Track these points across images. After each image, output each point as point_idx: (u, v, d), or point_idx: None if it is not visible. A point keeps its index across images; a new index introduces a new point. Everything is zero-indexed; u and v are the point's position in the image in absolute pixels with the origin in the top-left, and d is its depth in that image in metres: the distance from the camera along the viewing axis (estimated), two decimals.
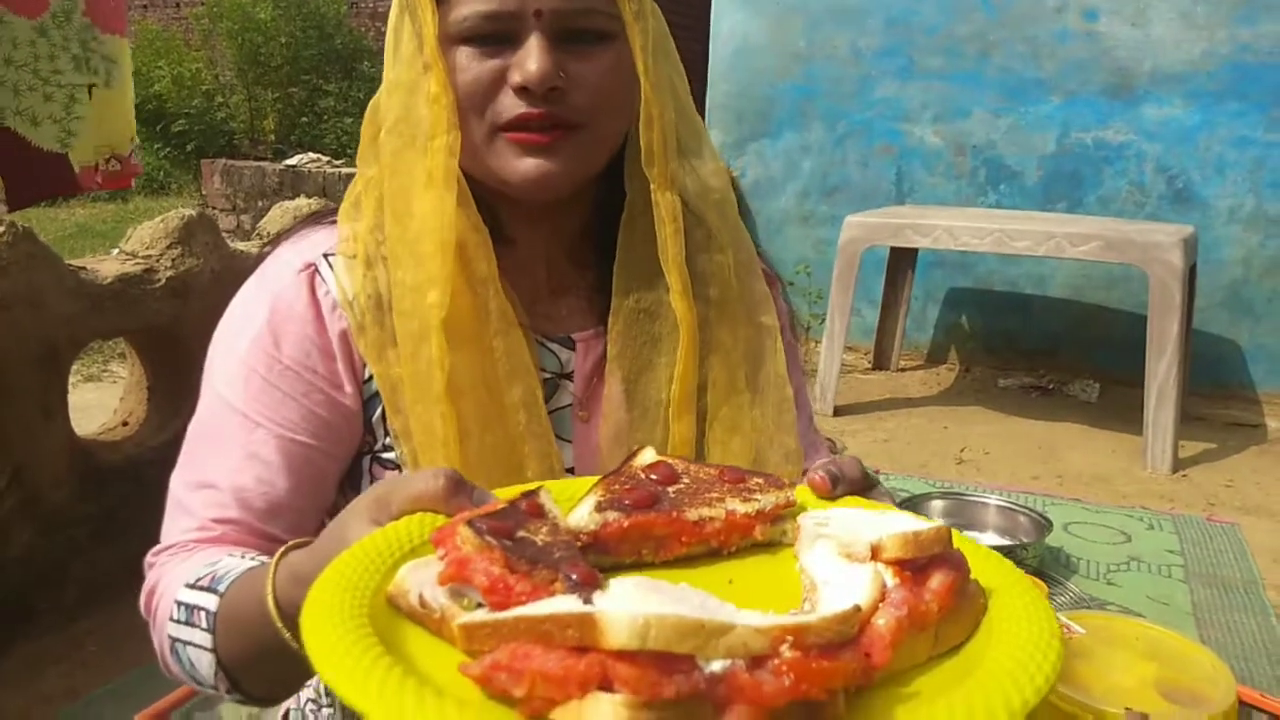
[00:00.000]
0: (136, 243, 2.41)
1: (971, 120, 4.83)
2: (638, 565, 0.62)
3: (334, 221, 0.94)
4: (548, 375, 0.95)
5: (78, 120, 2.47)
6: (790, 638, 0.44)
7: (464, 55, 0.85)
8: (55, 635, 2.21)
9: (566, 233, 0.97)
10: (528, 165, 0.85)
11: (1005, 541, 2.69)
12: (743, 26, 5.20)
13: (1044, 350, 4.79)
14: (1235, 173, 4.39)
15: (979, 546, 0.62)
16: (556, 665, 0.43)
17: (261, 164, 6.84)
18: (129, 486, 2.35)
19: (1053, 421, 4.15)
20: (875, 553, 0.54)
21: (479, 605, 0.52)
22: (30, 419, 2.16)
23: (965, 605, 0.54)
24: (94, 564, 2.30)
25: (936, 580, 0.53)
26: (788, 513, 0.65)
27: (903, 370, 4.92)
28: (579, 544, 0.59)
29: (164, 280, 2.38)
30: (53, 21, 2.44)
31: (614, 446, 0.93)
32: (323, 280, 0.91)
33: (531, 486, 0.63)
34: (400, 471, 0.90)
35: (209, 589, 0.80)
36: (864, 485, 0.72)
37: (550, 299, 0.97)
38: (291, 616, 0.71)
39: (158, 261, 2.39)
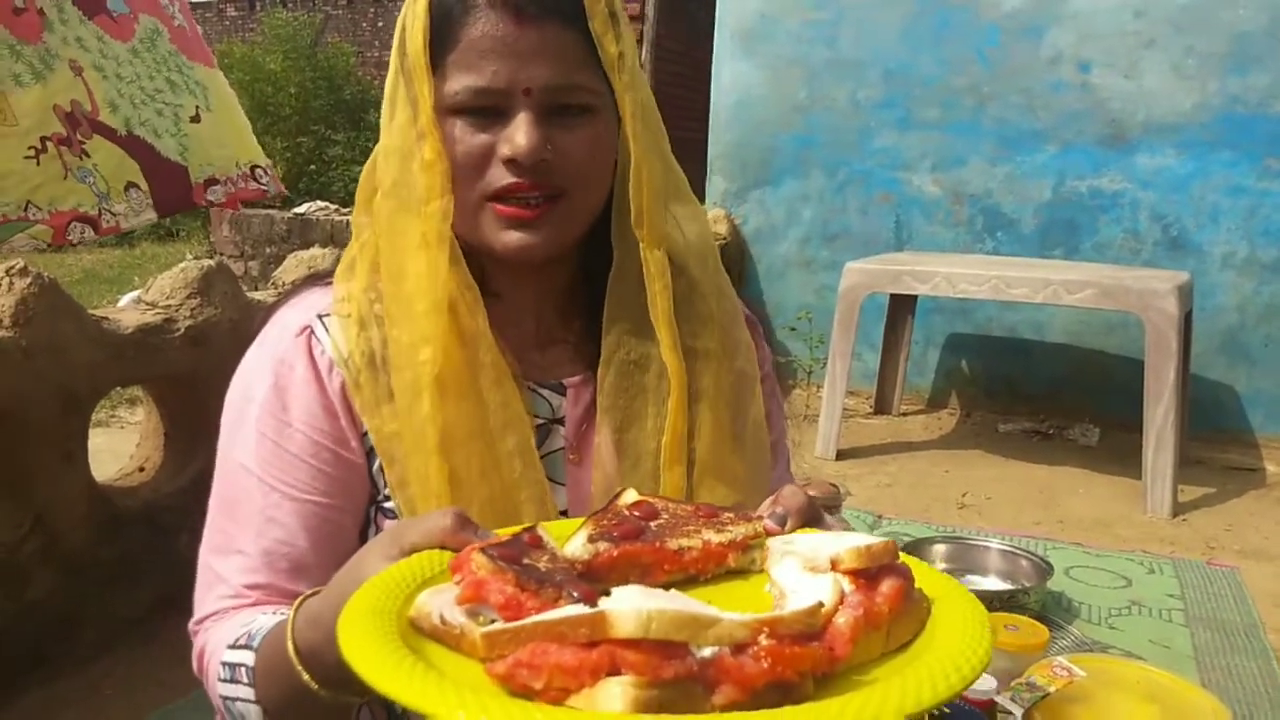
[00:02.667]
0: (156, 293, 2.48)
1: (969, 169, 4.92)
2: None
3: (329, 282, 0.98)
4: (540, 421, 0.98)
5: (186, 137, 2.55)
6: (767, 629, 0.52)
7: (457, 127, 0.89)
8: (71, 679, 2.23)
9: (553, 289, 1.01)
10: (512, 237, 0.90)
11: (1007, 586, 2.71)
12: (744, 78, 5.32)
13: (1044, 395, 4.84)
14: (1229, 220, 4.47)
15: (923, 564, 0.70)
16: (571, 657, 0.51)
17: (270, 212, 6.93)
18: (145, 532, 2.39)
19: (1053, 466, 4.19)
20: (834, 564, 0.63)
21: (493, 621, 0.59)
22: (52, 465, 2.20)
23: (912, 608, 0.62)
24: (110, 608, 2.33)
25: (886, 585, 0.61)
26: (755, 543, 0.73)
27: (904, 415, 4.96)
28: (576, 571, 0.66)
29: (183, 329, 2.44)
30: (141, 45, 2.53)
31: (606, 495, 0.95)
32: (318, 341, 0.94)
33: (529, 525, 0.71)
34: (401, 518, 0.94)
35: (246, 646, 0.85)
36: (810, 513, 0.77)
37: (539, 350, 1.01)
38: (308, 658, 0.77)
39: (177, 311, 2.45)
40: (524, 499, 0.91)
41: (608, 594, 0.57)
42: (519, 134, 0.86)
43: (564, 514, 0.98)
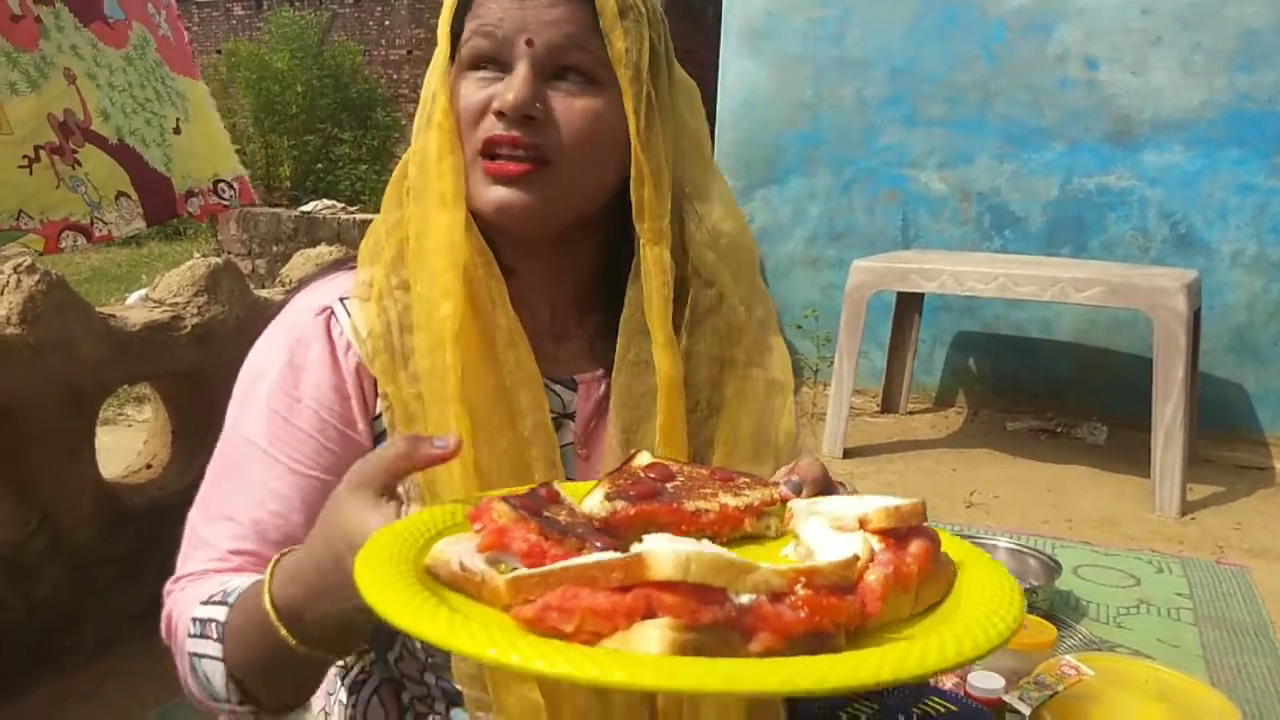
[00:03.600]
0: (164, 290, 2.48)
1: (975, 167, 4.91)
2: None
3: (353, 267, 0.99)
4: (551, 415, 0.97)
5: (170, 148, 2.57)
6: (803, 578, 0.52)
7: (466, 81, 0.91)
8: (77, 674, 2.24)
9: (571, 274, 1.01)
10: (496, 193, 0.90)
11: None
12: (750, 77, 5.31)
13: (1051, 393, 4.83)
14: (1237, 218, 4.45)
15: (946, 531, 0.70)
16: (604, 601, 0.50)
17: (277, 210, 6.95)
18: (152, 529, 2.39)
19: (1061, 464, 4.18)
20: (862, 524, 0.62)
21: (514, 569, 0.58)
22: (59, 462, 2.21)
23: (939, 570, 0.62)
24: (116, 605, 2.33)
25: (915, 546, 0.61)
26: (772, 509, 0.72)
27: (911, 413, 4.95)
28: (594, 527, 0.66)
29: (190, 327, 2.44)
30: (134, 52, 2.55)
31: None
32: (337, 321, 0.96)
33: (545, 482, 0.71)
34: (405, 504, 0.95)
35: (220, 603, 0.85)
36: (826, 483, 0.77)
37: (553, 342, 1.00)
38: (286, 616, 0.77)
39: (184, 309, 2.45)
40: (535, 457, 0.92)
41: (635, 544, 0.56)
42: (511, 87, 0.87)
43: None
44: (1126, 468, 4.03)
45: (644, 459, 0.77)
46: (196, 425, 2.53)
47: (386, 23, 12.93)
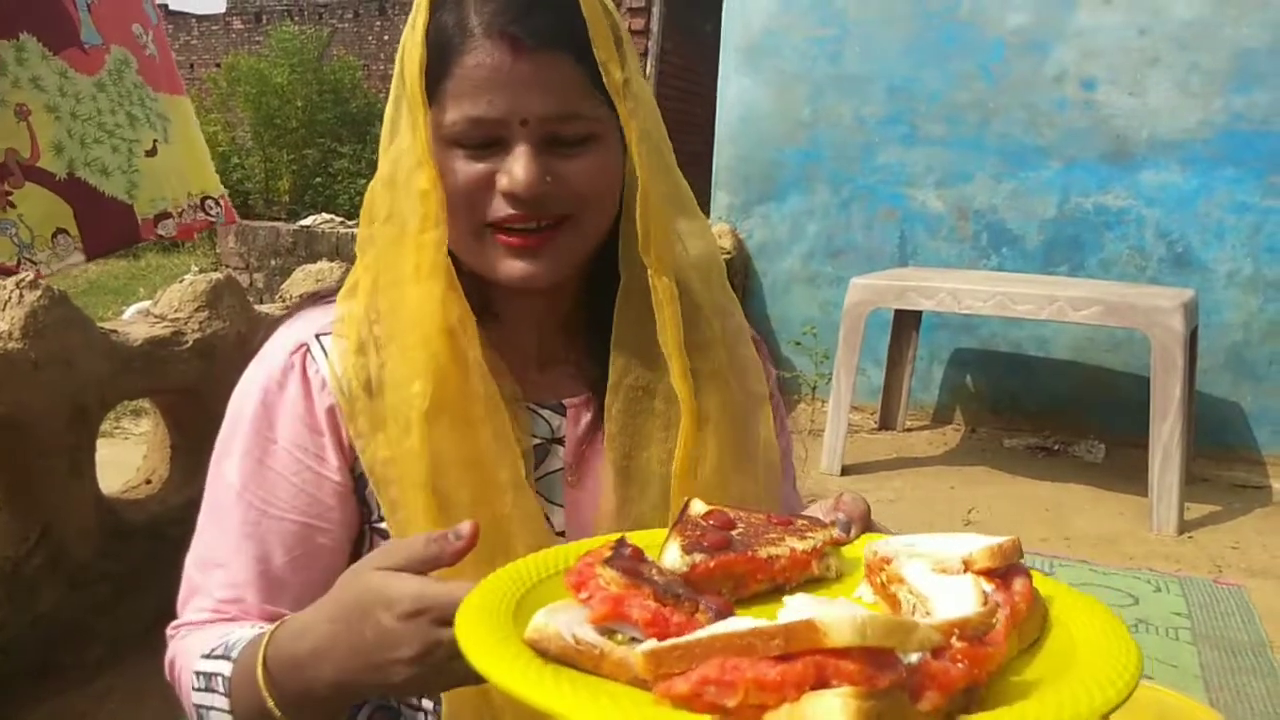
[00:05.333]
0: (165, 305, 2.48)
1: (973, 185, 4.93)
2: None
3: (331, 301, 0.97)
4: (539, 440, 0.97)
5: (137, 173, 2.57)
6: (957, 630, 0.52)
7: (454, 158, 0.88)
8: (78, 691, 2.23)
9: (557, 307, 1.00)
10: (515, 267, 0.89)
11: None
12: (749, 94, 5.34)
13: (1049, 411, 4.84)
14: (1233, 237, 4.48)
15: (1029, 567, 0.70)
16: (773, 671, 0.48)
17: (276, 224, 6.96)
18: (152, 544, 2.39)
19: (1059, 482, 4.18)
20: (967, 565, 0.62)
21: (631, 639, 0.56)
22: (60, 477, 2.21)
23: (1037, 606, 0.62)
24: (117, 621, 2.33)
25: (1019, 584, 0.61)
26: (830, 550, 0.73)
27: (909, 430, 4.96)
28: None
29: (191, 342, 2.44)
30: (109, 78, 2.56)
31: (610, 519, 0.95)
32: (313, 359, 0.94)
33: (612, 538, 0.69)
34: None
35: (223, 657, 0.85)
36: (868, 516, 0.79)
37: (539, 369, 1.00)
38: (289, 671, 0.78)
39: (185, 324, 2.46)
40: (516, 529, 0.90)
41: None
42: (517, 166, 0.86)
43: (561, 535, 0.97)
44: (1124, 486, 4.03)
45: (698, 507, 0.76)
46: (196, 441, 2.53)
47: (385, 38, 12.99)
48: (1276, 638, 2.78)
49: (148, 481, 2.58)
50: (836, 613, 0.49)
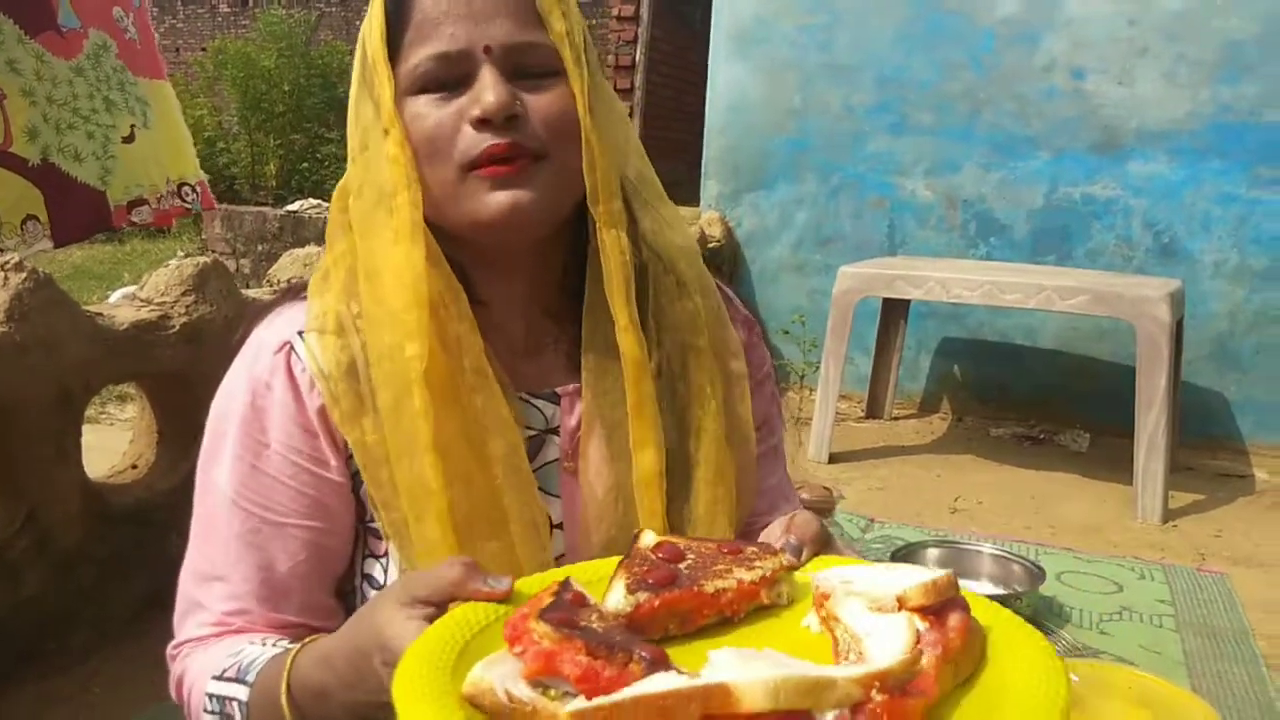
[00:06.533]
0: (151, 289, 2.47)
1: (962, 175, 4.94)
2: (666, 639, 0.66)
3: (305, 297, 0.95)
4: (534, 432, 0.96)
5: (112, 160, 2.55)
6: (877, 683, 0.51)
7: (421, 104, 0.87)
8: (63, 676, 2.23)
9: (542, 288, 0.98)
10: (501, 198, 0.87)
11: (1000, 590, 2.73)
12: (739, 82, 5.33)
13: (1035, 400, 4.86)
14: (1220, 228, 4.50)
15: (970, 592, 0.69)
16: None
17: (262, 209, 6.92)
18: (138, 530, 2.38)
19: (1044, 471, 4.21)
20: (901, 603, 0.62)
21: (565, 694, 0.56)
22: (45, 462, 2.20)
23: (974, 639, 0.62)
24: (102, 606, 2.32)
25: (954, 619, 0.61)
26: (781, 576, 0.72)
27: (896, 419, 4.98)
28: (622, 626, 0.64)
29: (178, 327, 2.43)
30: (87, 62, 2.53)
31: (609, 497, 0.94)
32: (298, 358, 0.92)
33: (559, 574, 0.70)
34: (384, 540, 0.92)
35: (237, 679, 0.84)
36: (823, 537, 0.77)
37: (529, 357, 0.98)
38: (313, 699, 0.77)
39: (172, 308, 2.44)
40: (509, 506, 0.89)
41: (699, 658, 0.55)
42: (486, 91, 0.85)
43: (558, 527, 0.96)
44: (1109, 475, 4.06)
45: (649, 539, 0.76)
46: (182, 426, 2.52)
47: None
48: (1259, 625, 2.81)
49: (134, 466, 2.57)
50: (752, 674, 0.49)
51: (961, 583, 0.69)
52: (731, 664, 0.52)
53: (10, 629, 2.17)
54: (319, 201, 7.29)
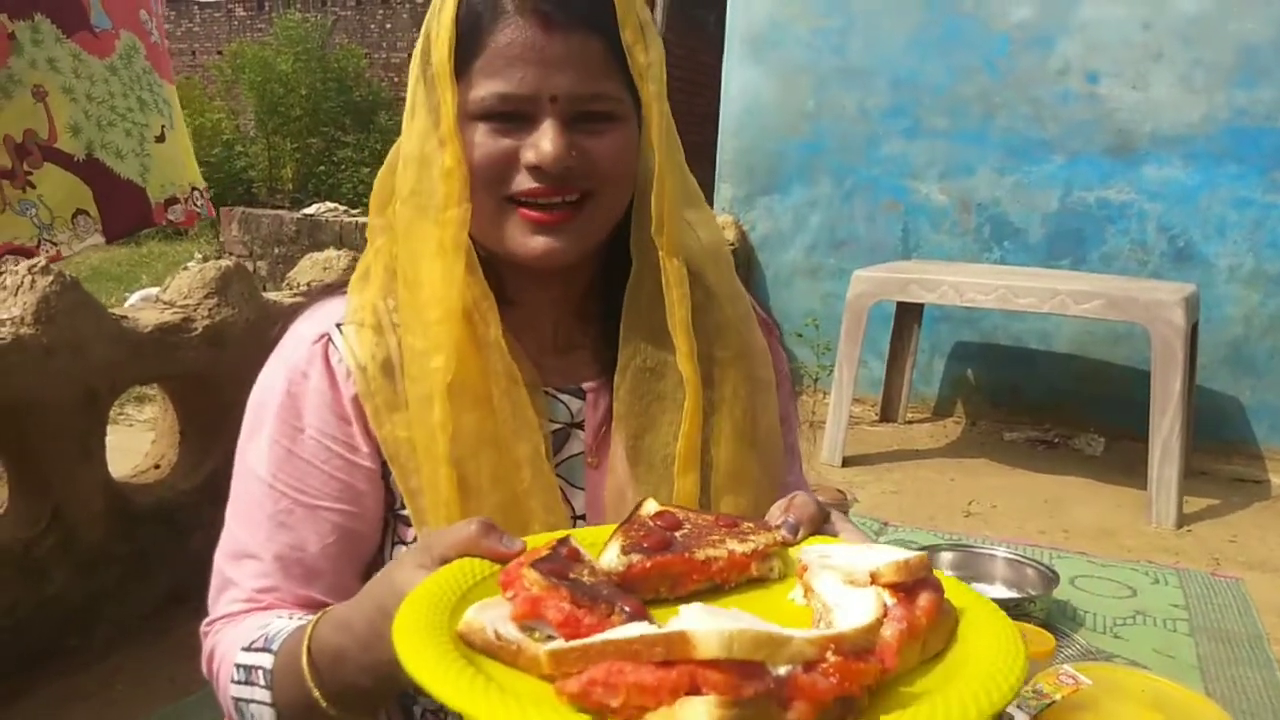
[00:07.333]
0: (174, 292, 2.50)
1: (976, 178, 4.94)
2: (656, 601, 0.70)
3: (345, 292, 0.98)
4: (559, 425, 0.99)
5: (148, 158, 2.58)
6: (833, 645, 0.54)
7: (480, 132, 0.89)
8: (85, 673, 2.26)
9: (573, 295, 1.01)
10: (537, 243, 0.90)
11: (1013, 594, 2.74)
12: (753, 86, 5.34)
13: (1049, 404, 4.86)
14: (1235, 232, 4.49)
15: (949, 577, 0.73)
16: (650, 676, 0.52)
17: (279, 212, 6.97)
18: (160, 529, 2.41)
19: (1059, 475, 4.21)
20: (874, 578, 0.65)
21: (549, 637, 0.60)
22: (70, 461, 2.23)
23: (944, 620, 0.65)
24: (124, 604, 2.36)
25: (924, 598, 0.64)
26: (775, 551, 0.75)
27: (910, 423, 4.98)
28: (613, 583, 0.68)
29: (200, 329, 2.46)
30: (120, 62, 2.57)
31: (620, 500, 0.97)
32: (335, 349, 0.95)
33: (560, 534, 0.73)
34: (414, 527, 0.95)
35: (264, 649, 0.87)
36: (820, 518, 0.80)
37: (557, 354, 1.01)
38: (332, 664, 0.79)
39: (195, 310, 2.48)
40: (534, 507, 0.91)
41: (673, 611, 0.58)
42: (545, 140, 0.87)
43: (581, 519, 0.99)
44: (1123, 479, 4.05)
45: (651, 507, 0.79)
46: (204, 427, 2.55)
47: (388, 26, 12.96)
48: (1273, 630, 2.81)
49: (156, 466, 2.60)
50: (710, 625, 0.52)
51: (975, 587, 0.71)
52: (698, 617, 0.55)
53: (34, 626, 2.20)
54: (335, 205, 7.34)
